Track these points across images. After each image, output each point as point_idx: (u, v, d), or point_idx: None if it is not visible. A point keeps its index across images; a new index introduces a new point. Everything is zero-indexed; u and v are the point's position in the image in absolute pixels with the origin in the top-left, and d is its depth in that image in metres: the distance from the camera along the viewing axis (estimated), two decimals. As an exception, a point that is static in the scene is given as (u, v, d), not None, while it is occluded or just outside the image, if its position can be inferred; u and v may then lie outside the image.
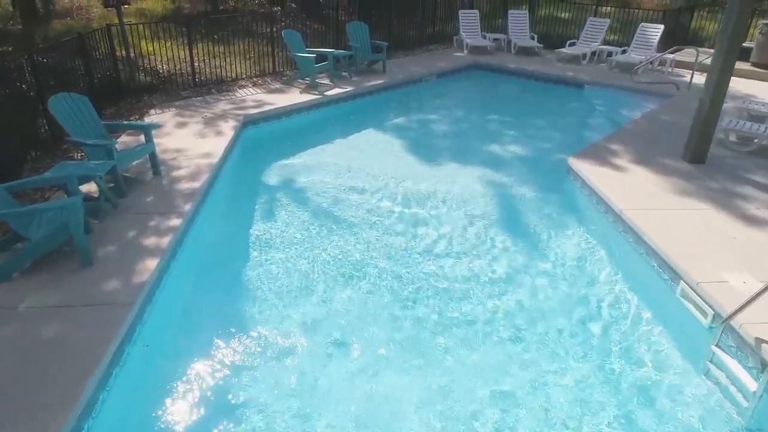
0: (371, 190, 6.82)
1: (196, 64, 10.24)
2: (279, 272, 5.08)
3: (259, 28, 11.61)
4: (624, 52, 12.62)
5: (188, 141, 7.31)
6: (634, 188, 6.21)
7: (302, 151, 8.02)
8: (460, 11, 14.38)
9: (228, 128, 7.83)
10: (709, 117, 6.73)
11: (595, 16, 13.79)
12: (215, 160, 6.71)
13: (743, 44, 13.29)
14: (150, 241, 4.90)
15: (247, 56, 11.16)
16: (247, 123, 8.41)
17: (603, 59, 13.00)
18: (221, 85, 10.17)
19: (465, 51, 13.61)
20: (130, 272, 4.40)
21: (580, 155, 7.15)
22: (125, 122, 7.79)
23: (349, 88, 10.09)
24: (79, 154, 6.82)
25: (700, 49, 11.19)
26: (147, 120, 8.14)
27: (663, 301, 4.82)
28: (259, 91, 9.84)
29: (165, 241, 4.90)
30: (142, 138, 6.41)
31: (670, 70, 11.96)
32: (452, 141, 8.92)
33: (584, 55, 12.78)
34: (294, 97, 9.46)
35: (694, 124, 6.96)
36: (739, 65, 12.33)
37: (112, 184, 5.66)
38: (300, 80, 10.41)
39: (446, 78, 12.11)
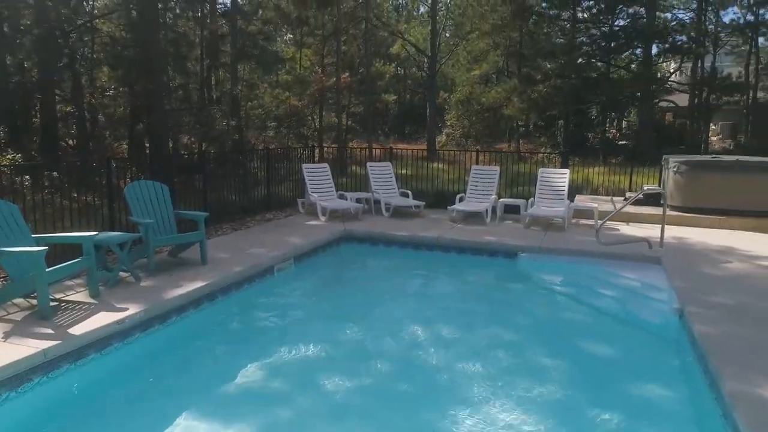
0: None
1: None
2: None
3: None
4: (532, 204, 9.55)
5: None
6: None
7: None
8: (304, 165, 10.39)
9: None
10: None
11: (477, 164, 10.84)
12: None
13: (646, 190, 11.54)
14: None
15: None
16: None
17: (502, 216, 9.76)
18: None
19: (322, 218, 9.33)
20: None
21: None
22: None
23: (132, 309, 4.76)
24: None
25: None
26: None
27: None
28: None
29: None
30: None
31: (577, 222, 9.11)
32: (372, 404, 4.01)
33: (486, 212, 9.39)
34: (-19, 351, 3.83)
35: None
36: (655, 210, 10.32)
37: None
38: (14, 301, 4.81)
39: (310, 261, 7.40)
